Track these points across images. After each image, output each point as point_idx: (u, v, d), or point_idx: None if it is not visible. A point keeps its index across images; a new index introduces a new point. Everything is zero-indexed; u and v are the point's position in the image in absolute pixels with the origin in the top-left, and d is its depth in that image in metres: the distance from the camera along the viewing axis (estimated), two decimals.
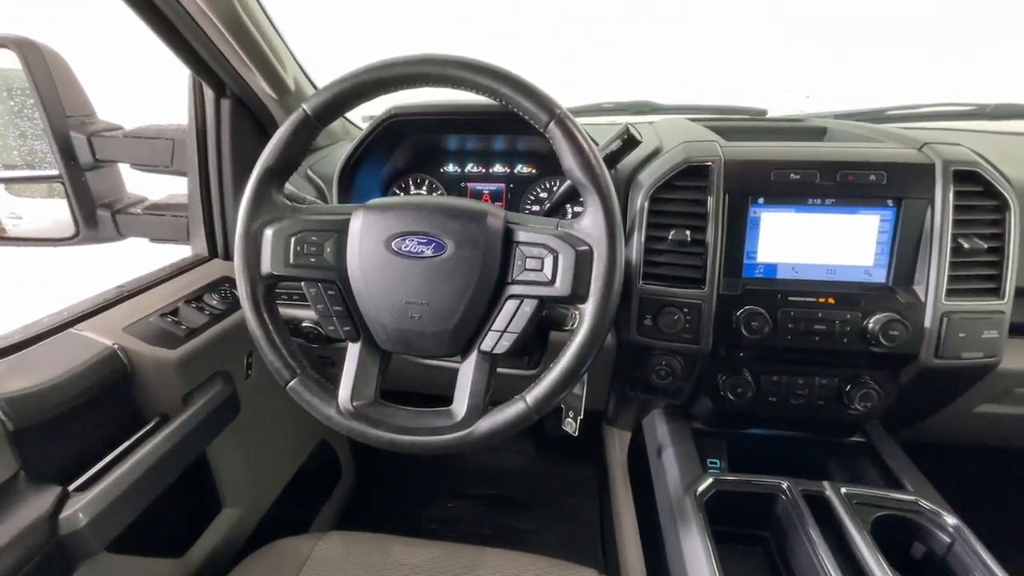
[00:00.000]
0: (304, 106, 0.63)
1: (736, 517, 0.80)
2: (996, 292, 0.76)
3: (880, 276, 0.79)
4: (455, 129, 1.00)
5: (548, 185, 1.06)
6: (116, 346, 0.76)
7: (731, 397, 0.84)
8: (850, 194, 0.78)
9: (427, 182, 1.09)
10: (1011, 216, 0.75)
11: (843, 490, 0.76)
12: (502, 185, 1.07)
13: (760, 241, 0.81)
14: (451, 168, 1.08)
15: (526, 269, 0.60)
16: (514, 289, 0.61)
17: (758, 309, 0.78)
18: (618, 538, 1.08)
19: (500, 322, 0.61)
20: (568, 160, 0.59)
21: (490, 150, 1.07)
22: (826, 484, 0.77)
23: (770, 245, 0.81)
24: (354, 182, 0.99)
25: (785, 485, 0.77)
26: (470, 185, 1.08)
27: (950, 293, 0.75)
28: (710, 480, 0.79)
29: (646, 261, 0.82)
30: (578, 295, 0.59)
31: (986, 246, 0.75)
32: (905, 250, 0.77)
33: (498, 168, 1.07)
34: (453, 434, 0.61)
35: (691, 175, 0.81)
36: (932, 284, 0.75)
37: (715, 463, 0.91)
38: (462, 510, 1.49)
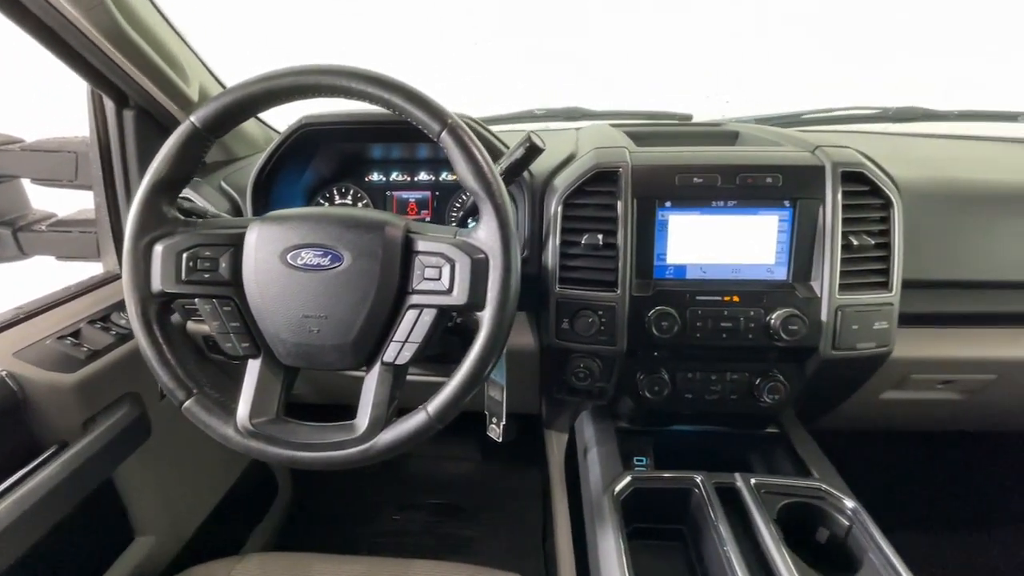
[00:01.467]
0: (192, 117, 0.61)
1: (656, 513, 0.82)
2: (885, 285, 0.81)
3: (781, 273, 0.83)
4: (377, 137, 0.99)
5: None
6: (4, 372, 0.72)
7: (648, 395, 0.87)
8: (750, 196, 0.81)
9: (352, 191, 1.07)
10: (895, 214, 0.80)
11: (752, 481, 0.79)
12: (427, 193, 1.07)
13: (669, 243, 0.83)
14: (376, 177, 1.07)
15: (425, 279, 0.60)
16: (414, 299, 0.61)
17: (668, 309, 0.81)
18: (556, 541, 1.09)
19: (401, 332, 0.61)
20: (461, 170, 0.60)
21: (415, 158, 1.07)
22: (737, 476, 0.80)
23: (679, 247, 0.84)
24: (272, 193, 0.97)
25: (699, 479, 0.80)
26: (396, 194, 1.08)
27: (843, 288, 0.80)
28: (628, 478, 0.80)
29: (562, 266, 0.84)
30: (475, 303, 0.59)
31: (873, 242, 0.79)
32: (802, 248, 0.81)
33: (423, 176, 1.07)
34: (354, 448, 0.60)
35: (601, 180, 0.83)
36: (827, 280, 0.79)
37: (641, 461, 0.93)
38: (409, 522, 1.47)
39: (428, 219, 1.07)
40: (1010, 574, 0.80)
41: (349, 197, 1.07)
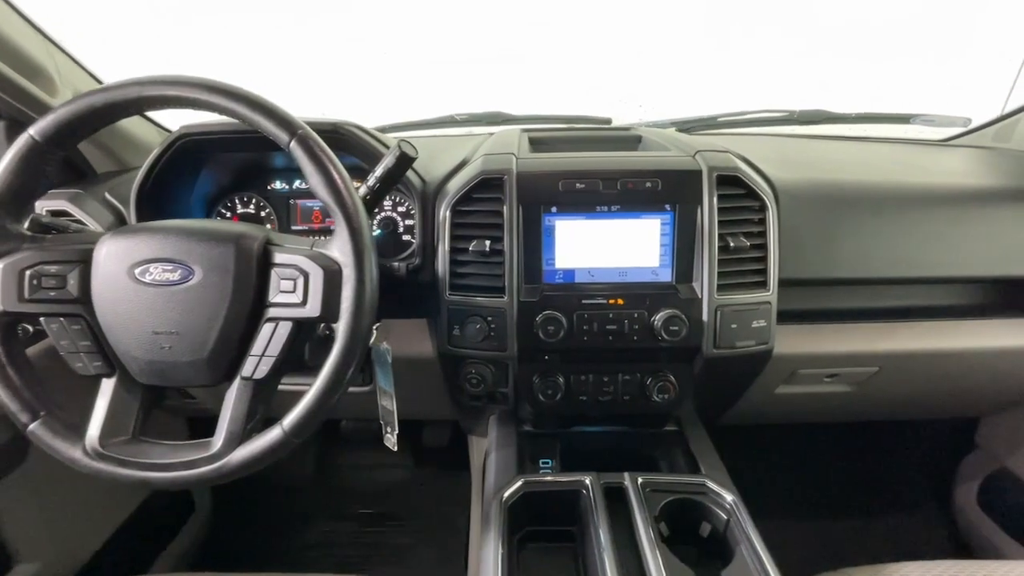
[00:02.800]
0: (30, 130, 0.59)
1: (549, 515, 0.82)
2: (763, 285, 0.84)
3: (666, 275, 0.85)
4: (267, 146, 0.98)
5: None
6: None
7: (542, 398, 0.87)
8: (631, 200, 0.83)
9: (254, 201, 1.05)
10: (770, 216, 0.83)
11: (640, 480, 0.80)
12: None
13: (557, 248, 0.85)
14: (279, 185, 1.05)
15: (280, 291, 0.59)
16: (271, 312, 0.60)
17: (555, 313, 0.82)
18: (479, 547, 1.09)
19: (258, 347, 0.60)
20: (312, 181, 0.59)
21: None
22: (626, 475, 0.81)
23: (566, 252, 0.85)
24: (164, 205, 0.94)
25: (588, 480, 0.81)
26: (299, 202, 1.06)
27: (722, 288, 0.82)
28: (519, 483, 0.81)
29: (452, 272, 0.84)
30: (329, 315, 0.58)
31: (750, 244, 0.82)
32: (683, 251, 0.84)
33: None
34: (207, 467, 0.59)
35: (487, 187, 0.83)
36: (706, 281, 0.82)
37: (547, 463, 0.94)
38: (338, 532, 1.45)
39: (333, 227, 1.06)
40: (890, 558, 0.83)
41: (252, 207, 1.05)
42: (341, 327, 0.58)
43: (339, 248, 0.59)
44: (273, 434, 0.59)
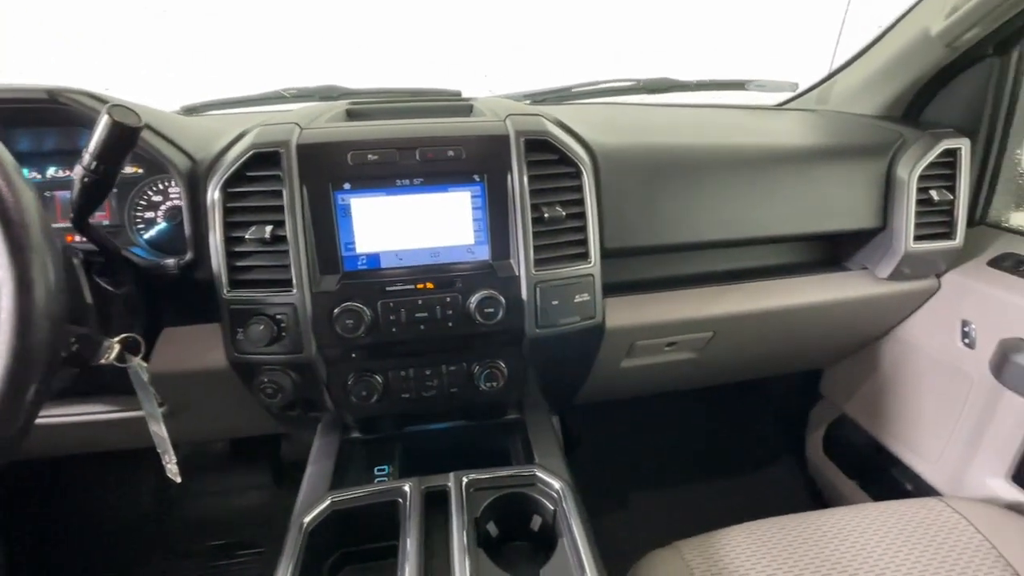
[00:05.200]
0: None
1: (369, 531, 0.73)
2: (584, 257, 0.79)
3: (483, 253, 0.77)
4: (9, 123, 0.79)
5: (161, 186, 0.89)
6: None
7: (356, 401, 0.77)
8: (434, 172, 0.74)
9: None
10: (587, 182, 0.78)
11: (465, 480, 0.73)
12: None
13: (356, 230, 0.74)
14: (32, 175, 0.86)
15: None
16: None
17: (355, 305, 0.72)
18: None
19: None
20: None
21: (77, 148, 0.87)
22: (451, 476, 0.74)
23: (368, 234, 0.75)
24: None
25: (407, 488, 0.72)
26: (58, 194, 0.87)
27: (540, 263, 0.76)
28: (326, 502, 0.71)
29: (230, 266, 0.71)
30: None
31: (566, 213, 0.76)
32: (498, 225, 0.76)
33: None
34: None
35: (263, 163, 0.71)
36: (522, 256, 0.75)
37: (384, 470, 0.84)
38: (181, 571, 1.27)
39: (106, 222, 0.89)
40: (725, 520, 0.83)
41: None
42: None
43: None
44: None
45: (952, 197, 0.94)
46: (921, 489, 1.12)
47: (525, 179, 0.75)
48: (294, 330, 0.72)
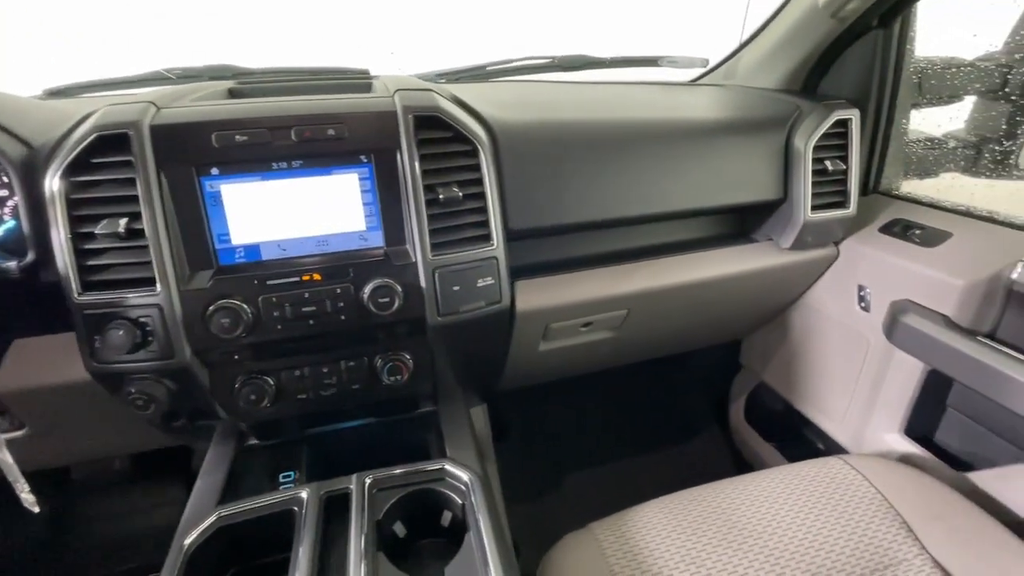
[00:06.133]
0: None
1: (266, 545, 0.68)
2: (486, 239, 0.75)
3: (377, 240, 0.72)
4: None
5: (5, 179, 0.78)
6: None
7: (245, 406, 0.71)
8: (314, 153, 0.68)
9: None
10: (484, 161, 0.74)
11: (368, 480, 0.69)
12: None
13: (230, 220, 0.67)
14: None
15: None
16: None
17: (232, 302, 0.65)
18: None
19: None
20: None
21: None
22: (353, 478, 0.69)
23: (244, 223, 0.68)
24: None
25: (304, 495, 0.67)
26: None
27: (437, 247, 0.72)
28: (212, 518, 0.65)
29: (80, 265, 0.63)
30: None
31: (462, 194, 0.72)
32: (391, 209, 0.71)
33: None
34: None
35: (111, 148, 0.63)
36: (417, 241, 0.71)
37: (289, 476, 0.79)
38: None
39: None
40: (656, 494, 0.83)
41: None
42: None
43: None
44: None
45: (845, 167, 0.97)
46: (831, 448, 1.18)
47: (416, 159, 0.70)
48: (162, 333, 0.65)
